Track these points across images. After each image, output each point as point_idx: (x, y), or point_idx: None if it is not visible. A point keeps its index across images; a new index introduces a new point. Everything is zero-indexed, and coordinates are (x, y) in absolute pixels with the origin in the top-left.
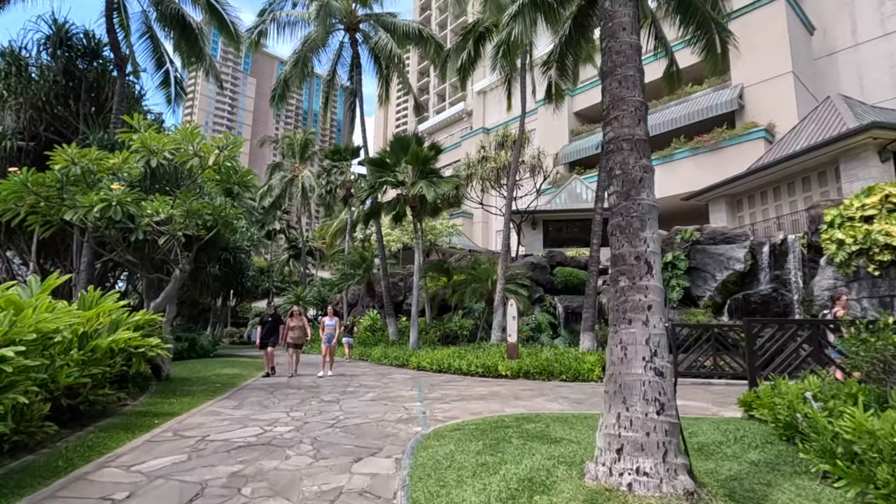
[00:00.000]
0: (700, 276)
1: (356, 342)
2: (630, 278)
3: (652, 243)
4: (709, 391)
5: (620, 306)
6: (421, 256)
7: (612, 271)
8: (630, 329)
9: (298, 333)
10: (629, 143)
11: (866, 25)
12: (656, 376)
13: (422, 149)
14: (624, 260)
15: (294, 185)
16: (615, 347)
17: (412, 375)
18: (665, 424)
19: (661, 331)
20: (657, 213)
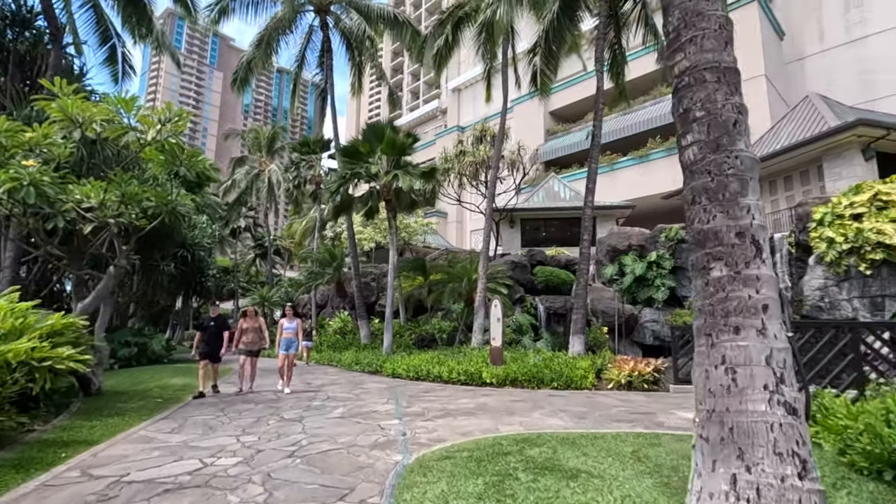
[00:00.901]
0: (685, 276)
1: (325, 346)
2: (731, 265)
3: (758, 213)
4: None
5: (717, 307)
6: (395, 254)
7: (697, 256)
8: (738, 341)
9: (254, 337)
10: (715, 73)
11: (833, 32)
12: (788, 415)
13: (397, 137)
14: (718, 238)
15: (260, 180)
16: (714, 370)
17: (387, 384)
18: (814, 496)
19: (784, 343)
20: (758, 172)
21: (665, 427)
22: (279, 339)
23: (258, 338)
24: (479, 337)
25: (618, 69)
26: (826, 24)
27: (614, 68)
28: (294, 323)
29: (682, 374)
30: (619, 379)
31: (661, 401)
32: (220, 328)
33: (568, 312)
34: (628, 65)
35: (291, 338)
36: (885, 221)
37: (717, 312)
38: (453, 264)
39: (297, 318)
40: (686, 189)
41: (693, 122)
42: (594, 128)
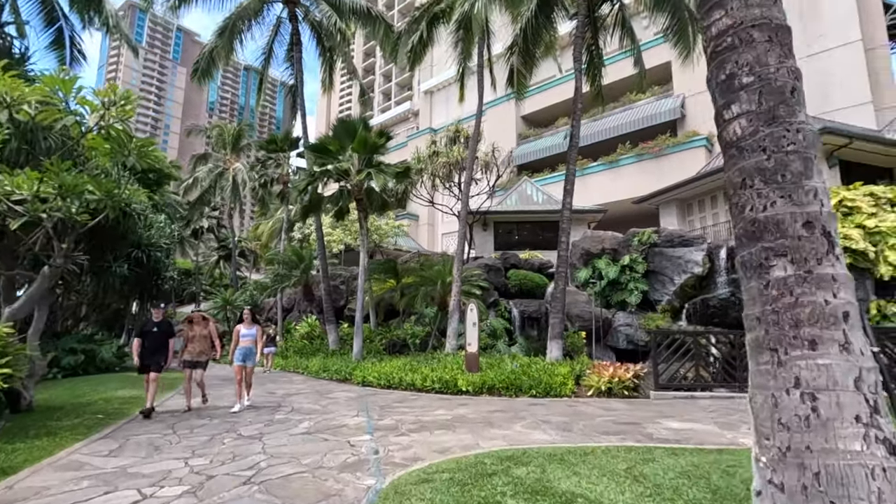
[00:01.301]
0: (658, 280)
1: (291, 352)
2: (798, 262)
3: (826, 199)
4: (699, 407)
5: (784, 315)
6: (366, 255)
7: (750, 252)
8: (817, 359)
9: (201, 346)
10: (764, 31)
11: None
12: (891, 456)
13: (370, 135)
14: (780, 229)
15: (224, 179)
16: (785, 395)
17: (357, 393)
18: None
19: (871, 361)
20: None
21: (655, 439)
22: (233, 347)
23: (207, 346)
24: (454, 342)
25: (595, 70)
26: None
27: (591, 70)
28: (253, 329)
29: (662, 379)
30: (599, 386)
31: (643, 409)
32: (164, 334)
33: (542, 316)
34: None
35: (250, 346)
36: (851, 227)
37: (785, 322)
38: (426, 267)
39: (256, 324)
40: (732, 170)
41: (740, 89)
42: (572, 128)
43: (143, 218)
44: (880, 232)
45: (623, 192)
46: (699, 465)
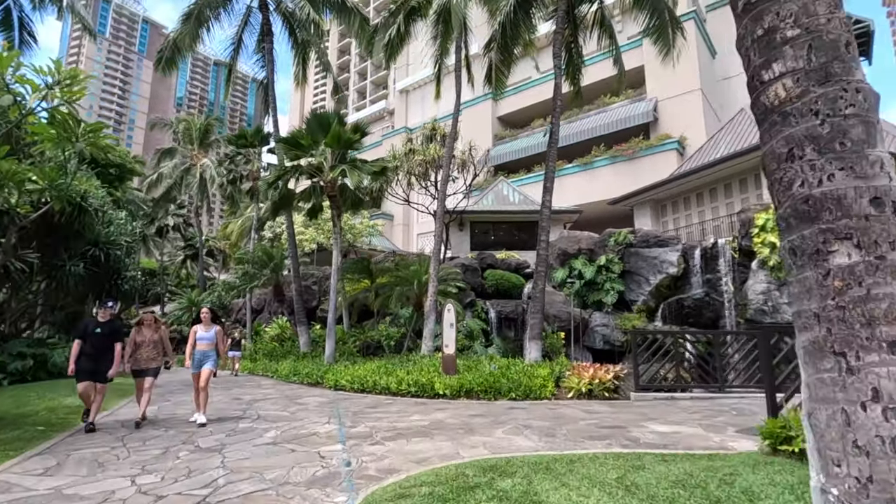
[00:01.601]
0: (634, 280)
1: (260, 355)
2: (866, 247)
3: (893, 171)
4: (680, 408)
5: (852, 311)
6: (339, 254)
7: (801, 235)
8: None
9: (151, 353)
10: None
11: None
12: None
13: (344, 129)
14: (842, 207)
15: (191, 175)
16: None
17: (329, 398)
18: None
19: None
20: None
21: (642, 444)
22: (189, 351)
23: (157, 352)
24: (430, 344)
25: (574, 69)
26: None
27: (570, 67)
28: (212, 331)
29: (643, 380)
30: (579, 387)
31: (625, 411)
32: (109, 337)
33: (519, 317)
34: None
35: (207, 351)
36: None
37: (854, 319)
38: (402, 266)
39: (216, 326)
40: (776, 140)
41: (783, 44)
42: (552, 125)
43: (101, 214)
44: None
45: (598, 193)
46: (693, 472)
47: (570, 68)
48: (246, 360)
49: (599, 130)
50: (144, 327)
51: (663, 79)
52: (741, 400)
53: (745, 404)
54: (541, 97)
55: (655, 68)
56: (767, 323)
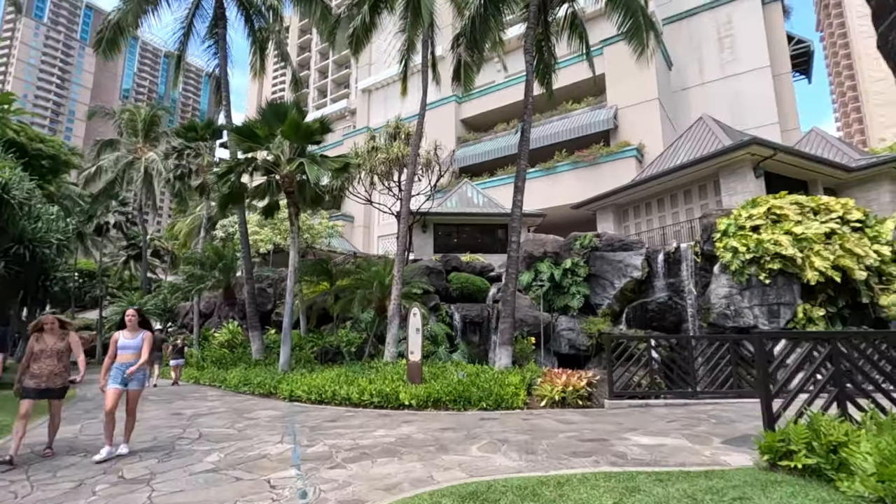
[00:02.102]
0: (599, 284)
1: (209, 363)
2: None
3: None
4: (657, 417)
5: None
6: (297, 254)
7: None
8: None
9: (56, 366)
10: None
11: (711, 68)
12: None
13: (303, 120)
14: None
15: (135, 169)
16: None
17: (283, 411)
18: None
19: None
20: None
21: (631, 461)
22: (107, 363)
23: (62, 367)
24: (393, 350)
25: (545, 67)
26: (705, 60)
27: (541, 65)
28: (138, 338)
29: (617, 387)
30: (552, 395)
31: (602, 420)
32: None
33: (484, 321)
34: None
35: (129, 362)
36: (781, 233)
37: None
38: (364, 268)
39: (143, 331)
40: None
41: None
42: (524, 123)
43: (26, 208)
44: (807, 238)
45: (560, 198)
46: (693, 494)
47: (542, 66)
48: (192, 369)
49: (562, 136)
50: (46, 333)
51: (623, 87)
52: (715, 406)
53: (719, 411)
54: (504, 101)
55: (616, 77)
56: (730, 327)
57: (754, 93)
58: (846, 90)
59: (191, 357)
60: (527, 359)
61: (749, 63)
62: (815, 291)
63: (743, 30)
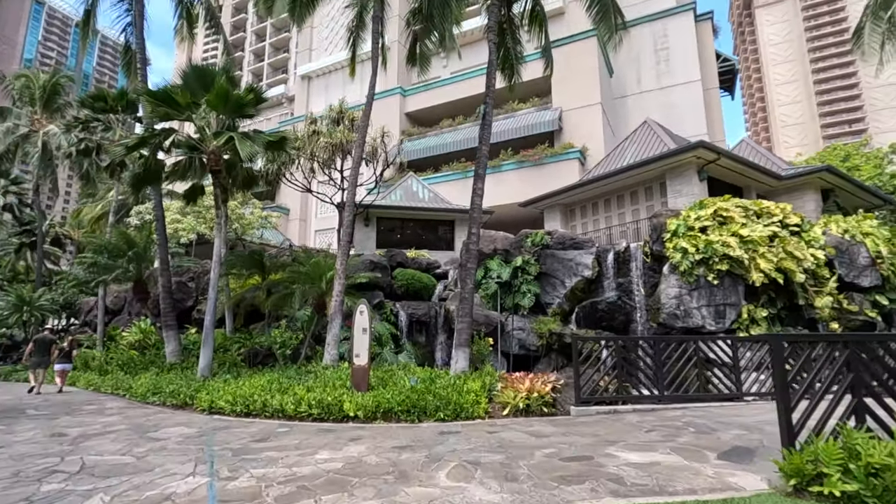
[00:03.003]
0: (549, 283)
1: (114, 366)
2: None
3: None
4: (632, 425)
5: None
6: (224, 243)
7: None
8: None
9: None
10: None
11: (648, 78)
12: None
13: (233, 89)
14: None
15: (31, 144)
16: None
17: (200, 427)
18: None
19: None
20: None
21: (632, 486)
22: None
23: None
24: (334, 352)
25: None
26: (643, 70)
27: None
28: None
29: (584, 393)
30: (515, 403)
31: (575, 431)
32: None
33: (432, 320)
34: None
35: None
36: (728, 235)
37: None
38: (302, 260)
39: None
40: None
41: None
42: (485, 105)
43: None
44: (753, 241)
45: (504, 196)
46: None
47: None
48: (92, 374)
49: (507, 135)
50: None
51: (568, 90)
52: (684, 412)
53: (692, 417)
54: (450, 97)
55: (561, 79)
56: (679, 327)
57: (686, 104)
58: (757, 111)
59: (93, 360)
60: (483, 361)
61: (682, 76)
62: (757, 293)
63: (677, 44)
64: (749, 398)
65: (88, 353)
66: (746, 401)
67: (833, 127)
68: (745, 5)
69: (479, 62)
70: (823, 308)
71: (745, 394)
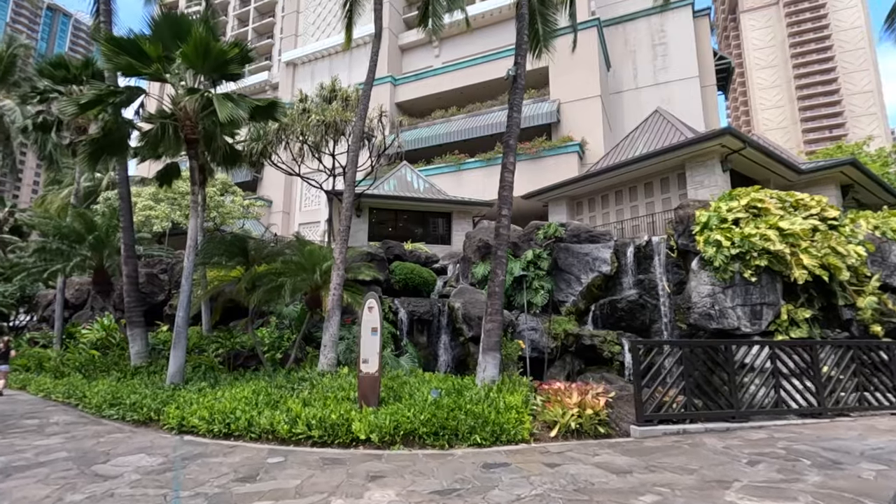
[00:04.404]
0: (563, 279)
1: (71, 369)
2: None
3: None
4: (718, 453)
5: None
6: (200, 227)
7: None
8: None
9: None
10: None
11: (645, 74)
12: None
13: (213, 40)
14: None
15: None
16: None
17: (164, 457)
18: None
19: None
20: None
21: None
22: None
23: None
24: (331, 355)
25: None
26: (639, 66)
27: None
28: None
29: (648, 409)
30: (566, 422)
31: (657, 462)
32: None
33: (434, 318)
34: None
35: None
36: (766, 228)
37: None
38: (297, 248)
39: None
40: None
41: None
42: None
43: None
44: (793, 234)
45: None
46: None
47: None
48: (45, 377)
49: (503, 127)
50: None
51: (566, 82)
52: (769, 433)
53: (785, 439)
54: (442, 87)
55: (559, 70)
56: (713, 329)
57: (684, 101)
58: (740, 115)
59: (47, 361)
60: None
61: (680, 72)
62: (796, 292)
63: (675, 39)
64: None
65: (44, 353)
66: (829, 417)
67: (814, 132)
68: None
69: (472, 52)
70: (866, 309)
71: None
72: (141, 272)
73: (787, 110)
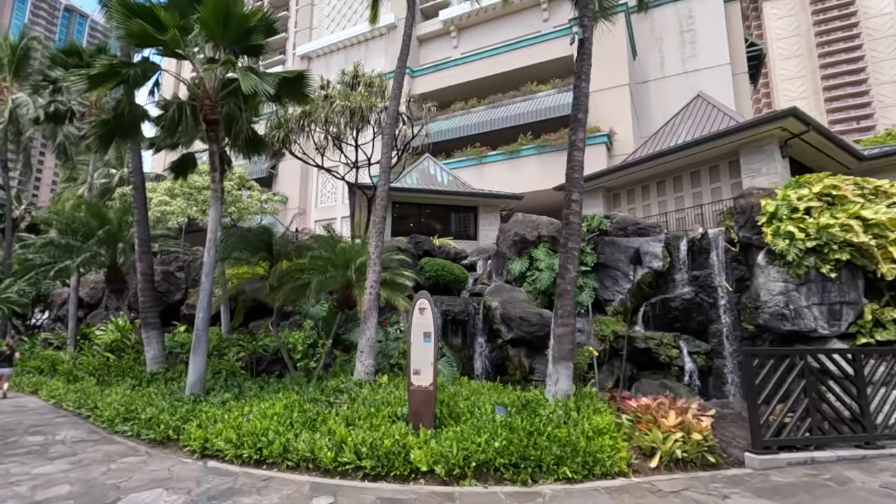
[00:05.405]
0: (608, 276)
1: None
2: None
3: None
4: (881, 495)
5: None
6: (219, 219)
7: None
8: None
9: None
10: None
11: (672, 62)
12: None
13: (234, 6)
14: None
15: None
16: None
17: (187, 491)
18: None
19: None
20: None
21: None
22: None
23: None
24: (369, 362)
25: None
26: (666, 54)
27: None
28: None
29: (769, 433)
30: (669, 449)
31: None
32: None
33: (470, 318)
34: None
35: None
36: (846, 217)
37: None
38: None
39: None
40: None
41: None
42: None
43: None
44: (879, 224)
45: (521, 183)
46: None
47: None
48: (58, 381)
49: (526, 118)
50: None
51: (593, 71)
52: None
53: None
54: (462, 78)
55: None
56: (785, 331)
57: (713, 90)
58: (762, 107)
59: (60, 364)
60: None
61: (709, 60)
62: (880, 290)
63: (705, 26)
64: None
65: (57, 356)
66: None
67: (840, 123)
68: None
69: (492, 42)
70: None
71: None
72: (156, 269)
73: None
